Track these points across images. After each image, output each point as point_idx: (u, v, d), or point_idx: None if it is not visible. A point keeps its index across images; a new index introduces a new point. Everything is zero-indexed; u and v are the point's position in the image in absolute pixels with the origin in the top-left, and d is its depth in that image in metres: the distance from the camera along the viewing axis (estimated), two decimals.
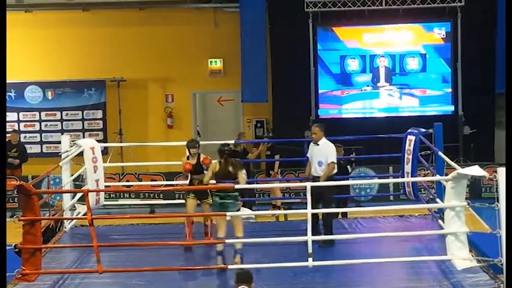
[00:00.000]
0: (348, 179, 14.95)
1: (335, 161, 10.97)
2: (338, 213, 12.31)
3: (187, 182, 11.01)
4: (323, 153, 11.02)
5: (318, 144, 11.14)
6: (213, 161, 10.33)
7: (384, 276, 9.40)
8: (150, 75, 21.20)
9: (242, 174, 10.00)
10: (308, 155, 11.38)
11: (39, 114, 21.11)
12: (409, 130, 12.25)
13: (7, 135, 18.57)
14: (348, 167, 15.33)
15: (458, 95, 19.49)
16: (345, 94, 19.99)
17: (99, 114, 21.07)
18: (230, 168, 10.00)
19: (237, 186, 9.75)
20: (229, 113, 22.45)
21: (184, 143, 11.13)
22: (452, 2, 19.14)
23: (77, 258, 10.36)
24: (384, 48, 19.85)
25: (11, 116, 20.62)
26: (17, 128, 20.30)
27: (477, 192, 17.07)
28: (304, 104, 19.69)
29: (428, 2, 19.23)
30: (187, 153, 10.98)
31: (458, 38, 19.29)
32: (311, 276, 9.32)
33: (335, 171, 11.08)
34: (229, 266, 9.26)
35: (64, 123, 21.13)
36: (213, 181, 10.28)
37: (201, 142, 20.29)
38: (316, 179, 10.97)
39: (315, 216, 10.17)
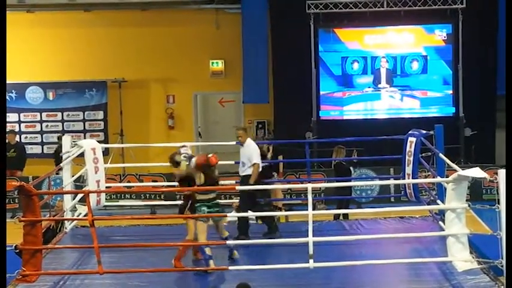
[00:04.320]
0: (351, 181, 15.03)
1: (259, 162, 11.19)
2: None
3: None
4: (245, 154, 11.35)
5: (243, 146, 11.47)
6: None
7: (385, 277, 9.39)
8: (152, 76, 21.21)
9: None
10: None
11: (40, 115, 21.12)
12: (410, 132, 12.24)
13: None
14: (351, 168, 15.35)
15: (459, 96, 19.50)
16: (346, 95, 19.99)
17: (100, 115, 21.08)
18: None
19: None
20: (231, 114, 22.45)
21: (188, 143, 10.96)
22: (453, 4, 19.14)
23: (78, 259, 10.35)
24: (385, 50, 19.87)
25: (12, 117, 20.65)
26: (17, 129, 20.32)
27: (478, 194, 17.03)
28: (305, 106, 19.70)
29: (430, 4, 19.23)
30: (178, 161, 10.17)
31: (459, 40, 19.30)
32: (312, 278, 9.32)
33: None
34: (230, 267, 9.24)
35: (65, 124, 21.15)
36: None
37: (202, 143, 20.59)
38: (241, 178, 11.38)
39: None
